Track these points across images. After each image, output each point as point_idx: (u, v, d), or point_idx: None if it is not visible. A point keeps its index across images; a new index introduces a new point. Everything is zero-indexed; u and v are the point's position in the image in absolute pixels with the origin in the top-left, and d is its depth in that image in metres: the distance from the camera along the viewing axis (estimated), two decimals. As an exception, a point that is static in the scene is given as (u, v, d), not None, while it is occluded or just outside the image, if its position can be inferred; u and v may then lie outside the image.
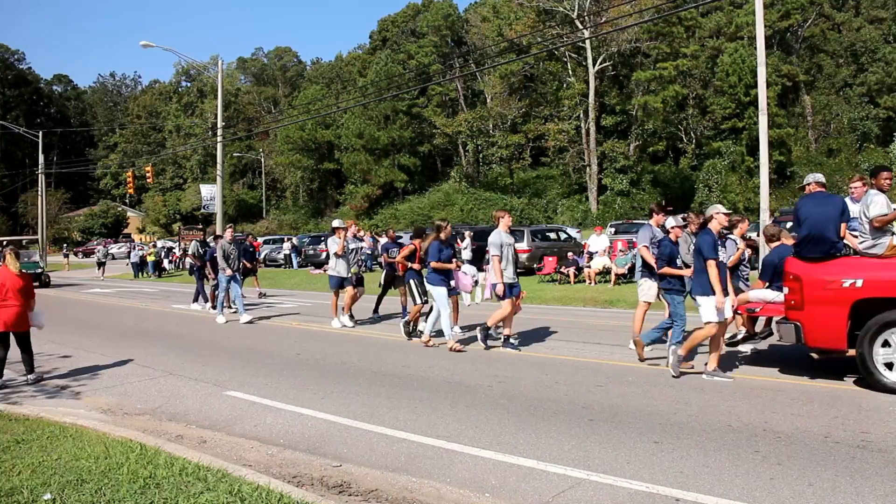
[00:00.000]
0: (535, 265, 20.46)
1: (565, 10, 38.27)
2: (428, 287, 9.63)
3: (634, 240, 21.01)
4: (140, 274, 31.83)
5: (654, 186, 40.45)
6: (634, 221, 25.75)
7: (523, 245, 20.99)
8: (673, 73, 39.03)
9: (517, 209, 39.69)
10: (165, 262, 33.75)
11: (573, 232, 27.30)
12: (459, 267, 10.16)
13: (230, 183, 62.82)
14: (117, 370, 8.68)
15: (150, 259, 31.66)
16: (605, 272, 18.39)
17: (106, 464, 4.57)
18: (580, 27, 38.54)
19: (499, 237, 9.15)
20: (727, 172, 37.39)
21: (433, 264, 9.46)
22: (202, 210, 42.81)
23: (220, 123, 31.95)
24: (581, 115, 40.26)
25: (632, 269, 18.72)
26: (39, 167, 47.11)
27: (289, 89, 76.56)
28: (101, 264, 33.65)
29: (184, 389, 7.50)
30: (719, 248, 7.38)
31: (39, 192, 47.58)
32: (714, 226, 7.36)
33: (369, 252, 20.59)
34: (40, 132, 48.31)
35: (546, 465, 4.71)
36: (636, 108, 40.72)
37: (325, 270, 26.36)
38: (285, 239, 33.69)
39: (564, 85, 41.48)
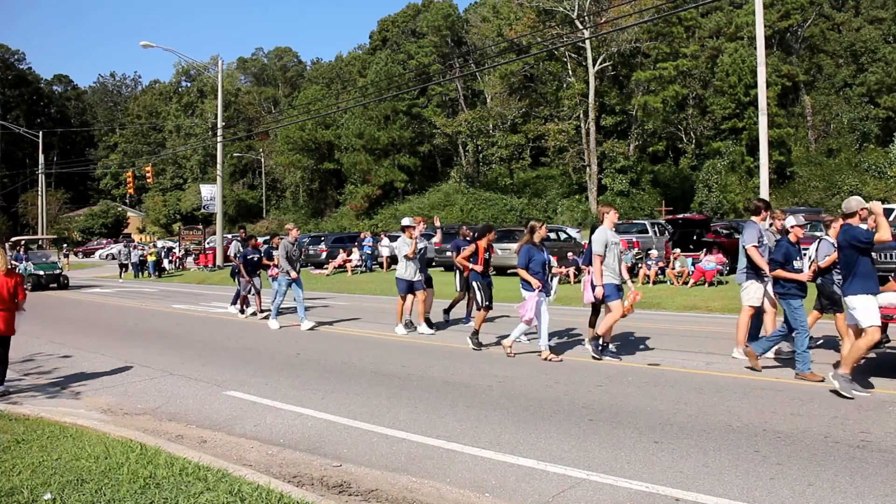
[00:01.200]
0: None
1: (565, 10, 38.25)
2: (522, 292, 8.67)
3: (635, 240, 21.08)
4: (140, 274, 31.82)
5: (653, 186, 40.44)
6: (634, 221, 25.73)
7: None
8: (673, 73, 39.01)
9: (517, 209, 39.69)
10: (165, 262, 33.71)
11: (573, 232, 27.29)
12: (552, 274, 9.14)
13: (230, 183, 62.81)
14: (117, 370, 8.68)
15: (150, 259, 31.62)
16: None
17: (106, 464, 4.57)
18: (580, 27, 38.52)
19: (604, 235, 8.34)
20: (727, 172, 37.38)
21: (521, 272, 8.58)
22: (202, 210, 42.79)
23: (220, 123, 31.97)
24: (581, 115, 40.24)
25: (631, 270, 18.75)
26: (39, 167, 47.15)
27: (289, 89, 76.57)
28: (123, 266, 31.66)
29: (184, 389, 7.50)
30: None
31: (39, 192, 47.65)
32: (854, 221, 6.63)
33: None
34: (40, 132, 48.40)
35: (546, 464, 4.71)
36: (636, 108, 40.71)
37: (327, 270, 26.55)
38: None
39: (564, 85, 41.47)
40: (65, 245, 50.61)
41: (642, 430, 5.44)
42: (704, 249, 17.73)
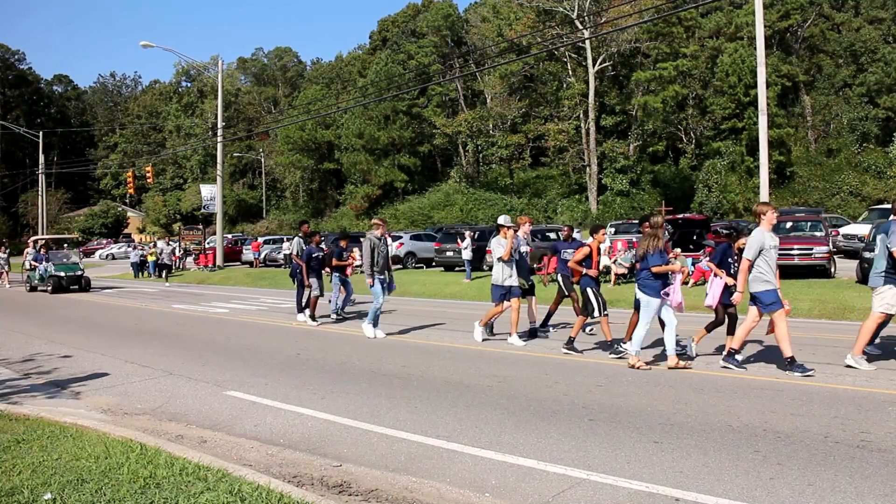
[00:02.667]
0: (534, 265, 20.46)
1: (565, 10, 38.25)
2: (639, 294, 7.95)
3: (635, 240, 21.07)
4: (140, 274, 31.80)
5: (653, 186, 40.45)
6: (634, 221, 25.73)
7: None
8: (673, 74, 39.01)
9: (517, 209, 39.67)
10: (166, 260, 33.66)
11: (574, 232, 27.25)
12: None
13: (230, 183, 62.81)
14: (117, 370, 8.68)
15: (150, 259, 31.60)
16: (606, 272, 18.38)
17: (106, 464, 4.57)
18: (580, 27, 38.53)
19: (760, 237, 7.52)
20: (727, 172, 37.36)
21: (655, 268, 7.77)
22: (202, 210, 42.79)
23: (220, 123, 31.97)
24: (581, 115, 40.25)
25: (632, 269, 18.75)
26: (40, 167, 47.15)
27: (289, 89, 76.54)
28: (165, 268, 28.02)
29: (184, 389, 7.50)
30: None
31: (40, 193, 47.63)
32: None
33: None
34: (40, 132, 48.37)
35: (546, 464, 4.71)
36: (636, 108, 40.71)
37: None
38: (285, 239, 33.68)
39: (564, 85, 41.47)
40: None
41: (642, 430, 5.44)
42: (702, 250, 17.74)
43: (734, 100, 39.23)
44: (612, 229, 23.98)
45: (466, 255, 21.42)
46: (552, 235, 23.06)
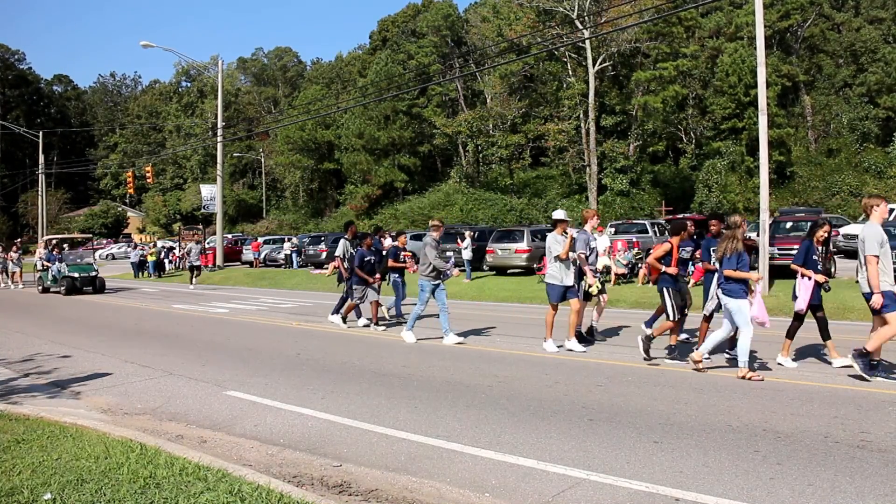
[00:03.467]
0: (535, 265, 20.47)
1: (565, 10, 38.25)
2: (724, 299, 7.36)
3: (635, 240, 21.08)
4: (140, 274, 31.80)
5: (654, 186, 40.45)
6: (634, 221, 25.74)
7: (523, 245, 21.00)
8: (673, 73, 38.98)
9: (517, 209, 39.67)
10: (165, 262, 33.72)
11: (574, 232, 27.25)
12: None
13: (230, 183, 62.80)
14: (117, 370, 8.68)
15: (150, 259, 31.61)
16: (606, 272, 18.38)
17: (106, 464, 4.57)
18: (580, 27, 38.52)
19: (878, 231, 6.98)
20: (727, 172, 37.36)
21: (727, 272, 7.22)
22: (202, 210, 42.80)
23: (220, 123, 31.97)
24: (581, 115, 40.24)
25: (632, 269, 18.76)
26: (39, 167, 47.14)
27: (289, 89, 76.56)
28: (195, 269, 25.44)
29: (184, 389, 7.50)
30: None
31: (39, 193, 47.61)
32: None
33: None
34: (40, 132, 48.35)
35: (546, 464, 4.71)
36: (636, 108, 40.70)
37: (329, 270, 26.37)
38: (285, 239, 33.70)
39: (564, 85, 41.45)
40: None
41: (642, 430, 5.44)
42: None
43: (734, 100, 39.22)
44: (612, 229, 23.97)
45: (466, 255, 21.42)
46: (552, 235, 23.02)
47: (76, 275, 22.57)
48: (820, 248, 7.81)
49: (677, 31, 39.58)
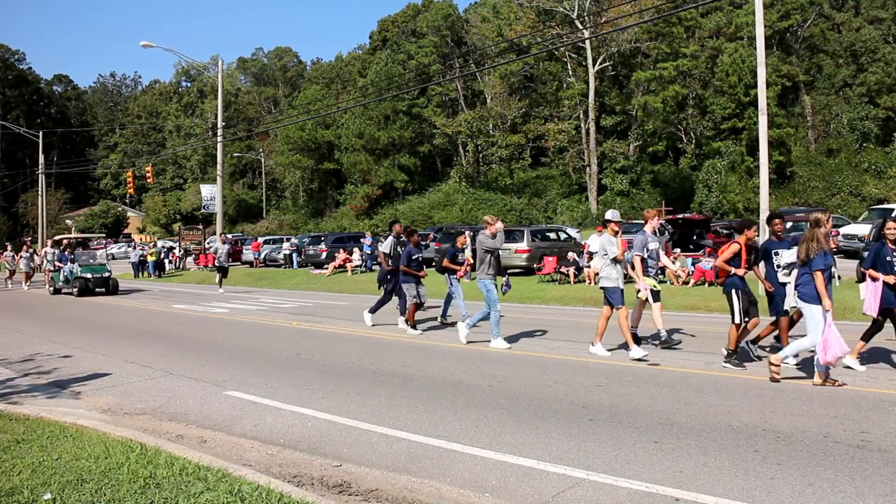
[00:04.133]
0: (535, 265, 20.47)
1: (565, 10, 38.28)
2: (800, 304, 6.95)
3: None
4: (140, 274, 31.80)
5: (653, 186, 40.48)
6: (634, 221, 25.74)
7: (523, 245, 20.99)
8: (673, 73, 39.04)
9: (517, 209, 39.68)
10: (165, 262, 33.70)
11: (573, 232, 27.28)
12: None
13: (230, 183, 62.82)
14: (117, 370, 8.68)
15: (150, 259, 31.60)
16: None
17: (106, 464, 4.57)
18: (580, 27, 38.54)
19: None
20: (727, 172, 37.38)
21: (819, 276, 6.60)
22: (202, 210, 42.80)
23: (220, 123, 31.97)
24: (581, 115, 40.27)
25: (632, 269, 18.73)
26: (39, 167, 47.13)
27: (289, 89, 76.61)
28: (223, 270, 22.55)
29: (184, 389, 7.50)
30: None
31: (39, 193, 47.60)
32: None
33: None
34: (40, 132, 48.32)
35: (546, 464, 4.71)
36: (636, 108, 40.74)
37: (329, 269, 26.57)
38: (285, 239, 33.71)
39: (564, 85, 41.49)
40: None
41: (642, 430, 5.44)
42: (701, 251, 17.75)
43: (734, 100, 39.24)
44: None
45: (466, 254, 21.40)
46: (552, 235, 23.04)
47: (89, 275, 21.67)
48: (893, 247, 7.37)
49: (677, 31, 39.63)
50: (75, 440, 5.20)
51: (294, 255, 30.22)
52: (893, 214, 22.01)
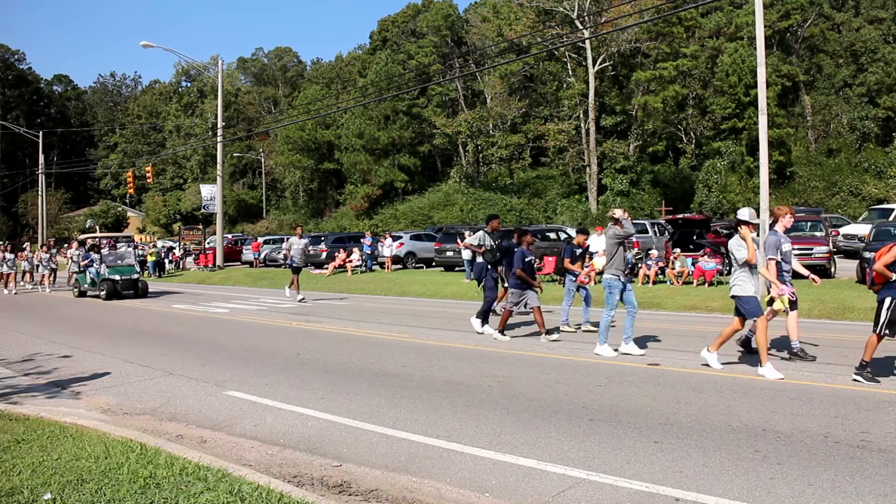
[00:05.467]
0: (534, 265, 20.44)
1: (565, 10, 38.28)
2: None
3: (635, 240, 21.07)
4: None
5: (653, 186, 40.46)
6: (634, 221, 25.73)
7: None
8: (673, 73, 39.02)
9: (517, 209, 39.68)
10: (165, 262, 33.70)
11: (573, 232, 27.25)
12: None
13: (230, 183, 62.81)
14: (117, 370, 8.68)
15: (150, 259, 31.58)
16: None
17: (106, 464, 4.57)
18: (580, 27, 38.54)
19: None
20: (727, 172, 37.38)
21: None
22: (202, 210, 42.80)
23: (220, 123, 31.98)
24: (581, 115, 40.26)
25: (632, 269, 18.73)
26: (39, 167, 47.16)
27: (289, 89, 76.58)
28: (297, 271, 18.17)
29: (184, 389, 7.50)
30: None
31: (39, 193, 47.64)
32: None
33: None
34: (40, 132, 48.37)
35: (546, 464, 4.71)
36: (636, 108, 40.74)
37: (325, 268, 26.55)
38: (285, 239, 33.73)
39: (564, 85, 41.48)
40: (65, 245, 50.57)
41: (642, 430, 5.44)
42: (701, 250, 17.74)
43: (734, 100, 39.24)
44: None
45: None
46: (552, 235, 23.04)
47: (117, 277, 20.06)
48: None
49: (677, 31, 39.62)
50: (75, 440, 5.20)
51: (294, 255, 30.18)
52: (823, 215, 21.86)
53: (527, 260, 10.28)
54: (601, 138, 39.92)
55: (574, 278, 11.21)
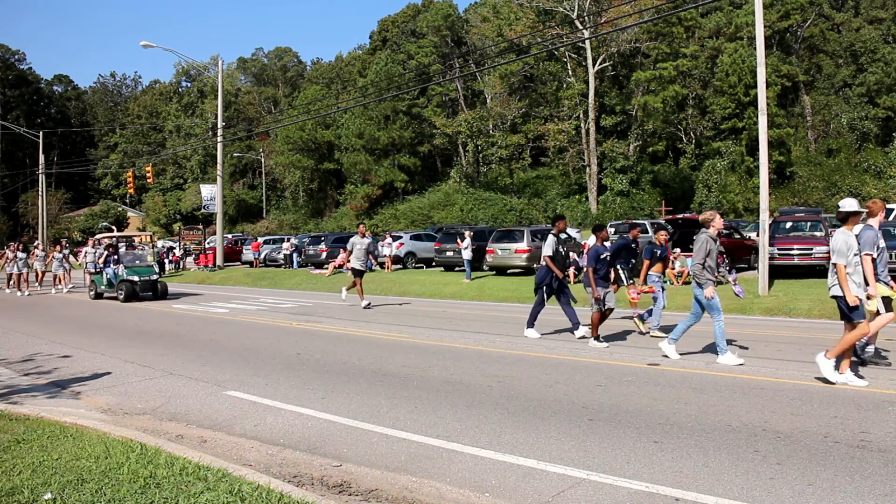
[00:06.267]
0: (535, 265, 20.45)
1: (565, 10, 38.27)
2: None
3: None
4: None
5: (653, 186, 40.46)
6: (635, 221, 25.73)
7: (523, 245, 20.99)
8: (673, 73, 39.02)
9: (517, 209, 39.68)
10: (165, 262, 33.70)
11: (573, 232, 27.25)
12: None
13: (230, 183, 62.83)
14: (117, 370, 8.68)
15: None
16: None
17: (106, 463, 4.57)
18: (580, 27, 38.54)
19: None
20: (727, 172, 37.40)
21: None
22: (202, 210, 42.81)
23: (220, 123, 31.97)
24: (581, 115, 40.26)
25: (632, 269, 18.71)
26: (40, 167, 47.14)
27: (289, 89, 76.62)
28: (359, 274, 15.69)
29: (184, 389, 7.50)
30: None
31: (40, 193, 47.61)
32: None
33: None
34: (41, 132, 48.33)
35: (546, 464, 4.71)
36: (636, 108, 40.74)
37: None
38: (285, 239, 33.74)
39: (564, 85, 41.48)
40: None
41: (642, 430, 5.44)
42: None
43: (734, 100, 39.24)
44: (613, 229, 23.98)
45: (466, 255, 21.42)
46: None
47: (136, 278, 19.36)
48: None
49: (677, 31, 39.61)
50: (75, 440, 5.20)
51: (294, 255, 30.24)
52: (823, 215, 21.79)
53: (602, 257, 9.44)
54: (601, 138, 39.92)
55: (657, 278, 10.33)
